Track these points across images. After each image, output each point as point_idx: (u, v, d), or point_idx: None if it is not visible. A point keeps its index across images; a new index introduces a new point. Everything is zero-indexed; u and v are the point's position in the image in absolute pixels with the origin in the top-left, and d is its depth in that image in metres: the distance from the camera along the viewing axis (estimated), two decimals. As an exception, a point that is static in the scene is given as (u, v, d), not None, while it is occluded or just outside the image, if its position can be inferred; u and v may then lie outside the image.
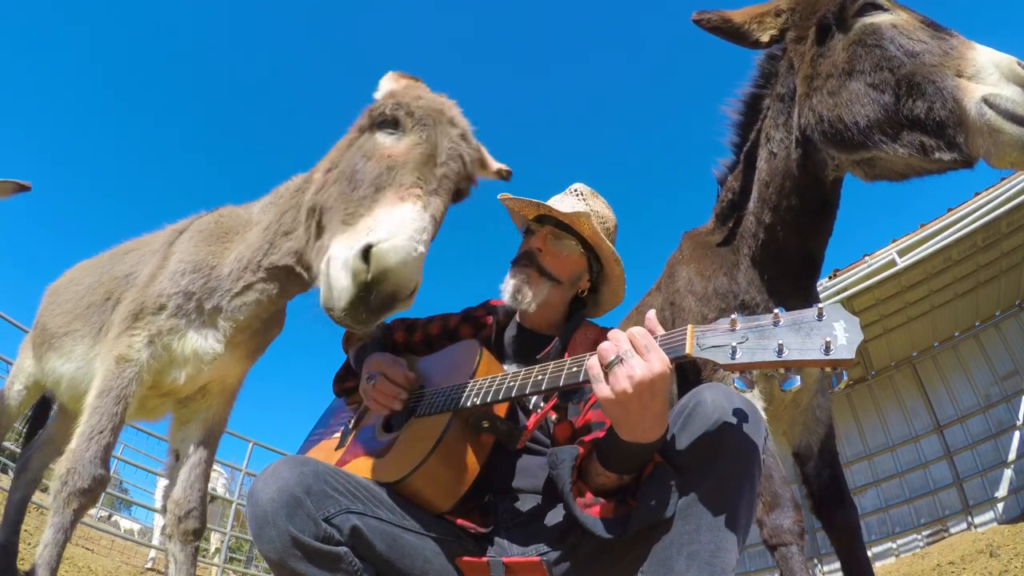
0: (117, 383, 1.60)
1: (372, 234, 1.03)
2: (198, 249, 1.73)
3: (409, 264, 1.00)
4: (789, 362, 0.85)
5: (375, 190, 1.16)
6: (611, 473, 1.10)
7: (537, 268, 1.51)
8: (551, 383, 1.13)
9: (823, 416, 1.96)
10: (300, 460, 1.10)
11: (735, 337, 0.89)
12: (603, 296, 1.67)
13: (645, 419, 0.97)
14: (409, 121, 1.25)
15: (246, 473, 7.90)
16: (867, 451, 8.51)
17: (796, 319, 0.86)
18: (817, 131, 1.49)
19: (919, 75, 1.29)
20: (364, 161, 1.23)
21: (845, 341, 0.81)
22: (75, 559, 4.64)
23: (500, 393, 1.21)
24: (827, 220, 1.70)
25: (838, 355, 0.80)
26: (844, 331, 0.81)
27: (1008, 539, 5.50)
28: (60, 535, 1.57)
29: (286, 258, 1.57)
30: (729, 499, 1.00)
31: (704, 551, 0.97)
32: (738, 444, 1.02)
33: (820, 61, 1.51)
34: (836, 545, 1.86)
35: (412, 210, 1.09)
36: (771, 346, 0.86)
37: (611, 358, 0.96)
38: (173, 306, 1.65)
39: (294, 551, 1.02)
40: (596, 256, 1.59)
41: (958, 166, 1.31)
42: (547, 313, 1.56)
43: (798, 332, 0.85)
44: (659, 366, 0.93)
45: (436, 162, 1.20)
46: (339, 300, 1.03)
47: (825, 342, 0.81)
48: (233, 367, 1.84)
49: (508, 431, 1.28)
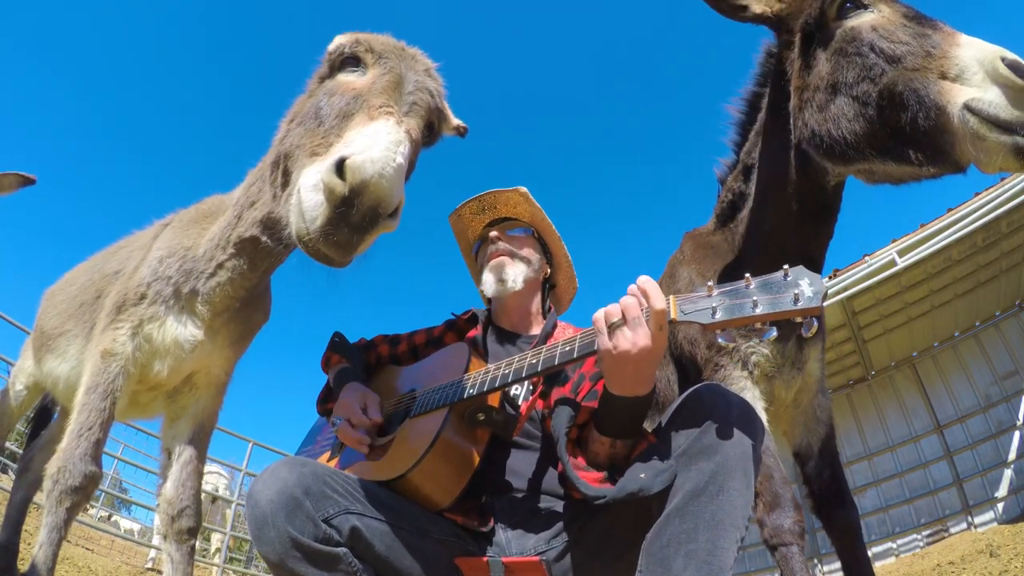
0: (103, 378, 1.59)
1: (346, 149, 0.93)
2: (176, 235, 1.74)
3: (388, 174, 0.89)
4: (764, 315, 0.95)
5: (343, 118, 1.08)
6: (604, 438, 1.16)
7: (508, 251, 1.61)
8: (546, 363, 1.17)
9: (823, 416, 1.97)
10: (299, 461, 1.09)
11: (713, 301, 1.00)
12: (560, 285, 1.77)
13: (639, 378, 1.07)
14: (371, 56, 1.20)
15: (246, 473, 7.89)
16: (867, 451, 8.51)
17: (765, 280, 0.97)
18: (811, 145, 1.47)
19: (900, 84, 1.26)
20: (328, 98, 1.17)
21: (811, 292, 0.93)
22: (75, 559, 4.63)
23: (496, 381, 1.24)
24: (828, 223, 1.69)
25: (806, 304, 0.92)
26: (809, 285, 0.94)
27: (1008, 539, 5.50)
28: (55, 534, 1.56)
29: (252, 229, 1.55)
30: (726, 498, 1.00)
31: (701, 550, 0.97)
32: (734, 442, 1.03)
33: (807, 72, 1.48)
34: (836, 545, 1.86)
35: (386, 124, 1.00)
36: (746, 304, 0.96)
37: (616, 319, 1.05)
38: (152, 293, 1.64)
39: (294, 552, 1.02)
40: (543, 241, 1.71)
41: (951, 172, 1.29)
42: (526, 304, 1.63)
43: (769, 291, 0.96)
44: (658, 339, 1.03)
45: (404, 90, 1.14)
46: (312, 221, 0.92)
47: (794, 295, 0.93)
48: (216, 355, 1.82)
49: (503, 420, 1.29)
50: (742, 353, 1.75)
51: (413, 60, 1.23)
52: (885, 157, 1.33)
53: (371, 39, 1.25)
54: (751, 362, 1.75)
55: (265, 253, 1.59)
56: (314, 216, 0.92)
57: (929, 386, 8.27)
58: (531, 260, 1.64)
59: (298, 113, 1.27)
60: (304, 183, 0.97)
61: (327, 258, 0.96)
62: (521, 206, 1.70)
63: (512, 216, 1.72)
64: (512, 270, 1.58)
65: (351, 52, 1.21)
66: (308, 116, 1.19)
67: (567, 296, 1.81)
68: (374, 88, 1.12)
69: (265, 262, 1.64)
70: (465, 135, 1.61)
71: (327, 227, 0.91)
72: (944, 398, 8.10)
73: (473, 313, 1.68)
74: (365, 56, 1.20)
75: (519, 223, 1.71)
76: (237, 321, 1.79)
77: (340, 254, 0.94)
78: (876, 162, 1.36)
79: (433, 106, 1.21)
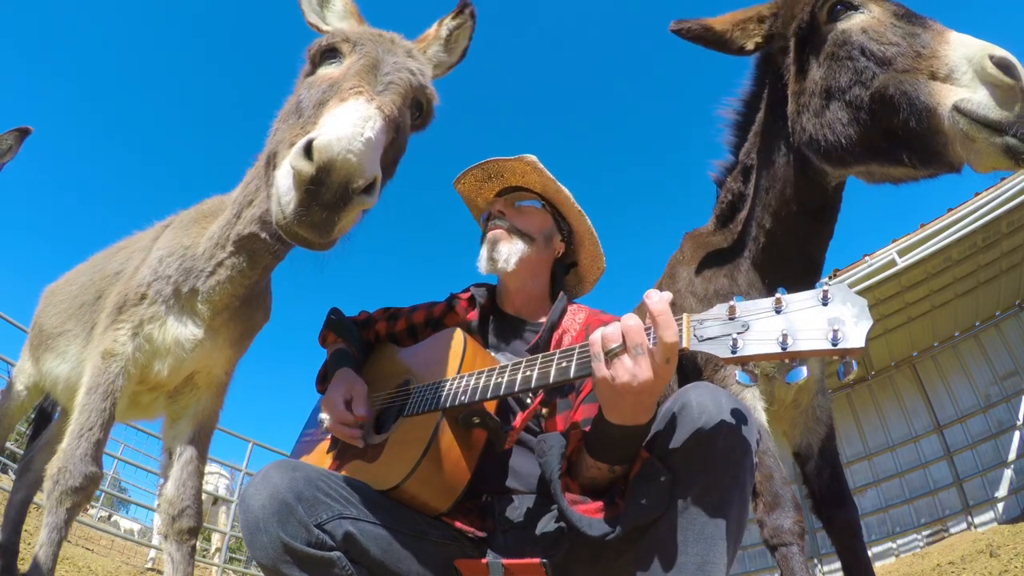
0: (104, 379, 1.59)
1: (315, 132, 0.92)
2: (176, 235, 1.74)
3: (355, 149, 0.87)
4: (794, 353, 0.78)
5: (318, 106, 1.08)
6: (601, 464, 1.07)
7: (507, 227, 1.50)
8: (540, 380, 1.09)
9: (823, 416, 1.96)
10: (291, 465, 1.08)
11: (735, 327, 0.84)
12: (582, 264, 1.66)
13: (638, 409, 0.97)
14: (347, 46, 1.20)
15: (246, 473, 7.89)
16: (867, 451, 8.51)
17: (800, 303, 0.81)
18: (810, 149, 1.48)
19: (891, 87, 1.26)
20: (307, 91, 1.18)
21: (854, 327, 0.75)
22: (75, 559, 4.63)
23: (488, 391, 1.17)
24: (828, 224, 1.69)
25: (847, 344, 0.74)
26: (852, 316, 0.75)
27: (1008, 539, 5.50)
28: (55, 534, 1.56)
29: (251, 226, 1.55)
30: (717, 509, 0.96)
31: (691, 563, 0.94)
32: (726, 450, 0.97)
33: (802, 77, 1.49)
34: (836, 545, 1.86)
35: (355, 103, 0.98)
36: (774, 335, 0.80)
37: (614, 345, 0.93)
38: (153, 293, 1.64)
39: (286, 557, 1.01)
40: (561, 215, 1.58)
41: (946, 172, 1.29)
42: (528, 287, 1.53)
43: (802, 318, 0.79)
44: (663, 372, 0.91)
45: (380, 71, 1.13)
46: (287, 205, 0.92)
47: (833, 330, 0.75)
48: (217, 355, 1.82)
49: (497, 428, 1.24)
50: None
51: (391, 43, 1.22)
52: (881, 160, 1.34)
53: (347, 30, 1.25)
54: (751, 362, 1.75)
55: (265, 250, 1.59)
56: (288, 200, 0.92)
57: (929, 386, 8.27)
58: (535, 237, 1.52)
59: (284, 110, 1.29)
60: (279, 172, 0.98)
61: (306, 240, 0.95)
62: (530, 175, 1.57)
63: (522, 186, 1.60)
64: (506, 247, 1.47)
65: (328, 45, 1.22)
66: (291, 111, 1.20)
67: (591, 277, 1.69)
68: (348, 73, 1.12)
69: (265, 259, 1.64)
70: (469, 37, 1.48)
71: (300, 209, 0.90)
72: (944, 398, 8.10)
73: (472, 294, 1.56)
74: (342, 47, 1.20)
75: (529, 194, 1.58)
76: (238, 320, 1.79)
77: (317, 235, 0.93)
78: (873, 165, 1.37)
79: (416, 84, 1.19)
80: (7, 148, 2.43)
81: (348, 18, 1.40)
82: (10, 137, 2.44)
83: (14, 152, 2.45)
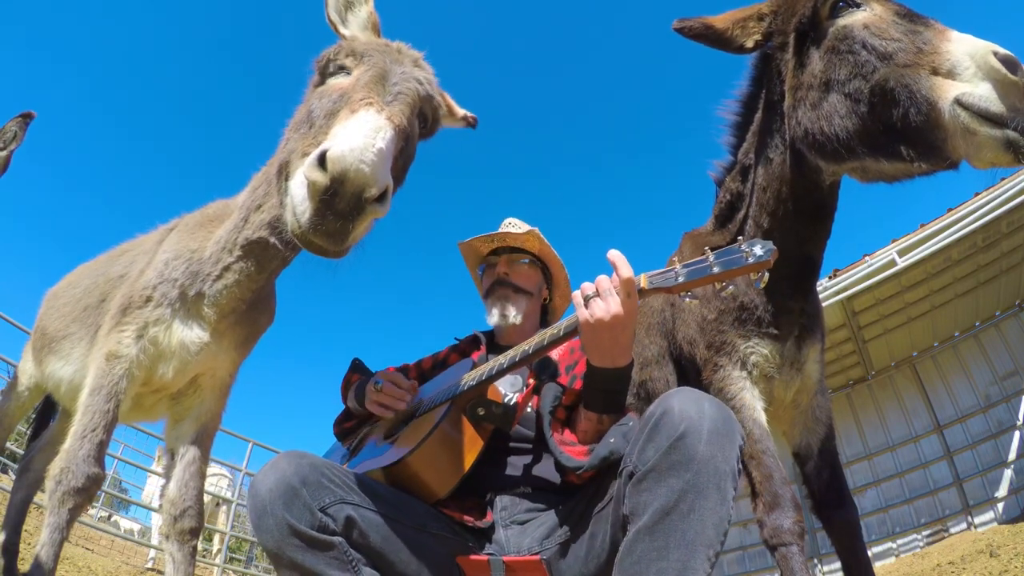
0: (108, 380, 1.60)
1: (328, 143, 0.95)
2: (181, 238, 1.75)
3: (368, 160, 0.91)
4: (722, 274, 1.10)
5: (329, 117, 1.13)
6: (591, 414, 1.25)
7: (512, 287, 1.74)
8: (537, 346, 1.29)
9: (823, 416, 1.97)
10: (299, 454, 1.13)
11: (678, 271, 1.15)
12: (555, 303, 1.91)
13: (615, 347, 1.17)
14: (354, 59, 1.23)
15: (246, 473, 7.90)
16: (867, 451, 8.51)
17: (723, 251, 1.12)
18: (805, 144, 1.48)
19: (892, 80, 1.26)
20: (318, 101, 1.21)
21: (761, 252, 1.07)
22: (75, 559, 4.64)
23: (493, 370, 1.34)
24: (825, 223, 1.70)
25: (755, 260, 1.07)
26: (759, 247, 1.08)
27: (1008, 539, 5.50)
28: (57, 535, 1.57)
29: (260, 231, 1.57)
30: (697, 516, 0.96)
31: (671, 568, 0.94)
32: (707, 455, 0.98)
33: (801, 71, 1.50)
34: (836, 545, 1.86)
35: (365, 115, 1.02)
36: (706, 269, 1.11)
37: (590, 292, 1.17)
38: (158, 295, 1.66)
39: (291, 539, 1.04)
40: (545, 267, 1.85)
41: (943, 168, 1.29)
42: (525, 328, 1.74)
43: (725, 257, 1.11)
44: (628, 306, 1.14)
45: (388, 81, 1.16)
46: (302, 215, 0.95)
47: (744, 255, 1.08)
48: (222, 358, 1.83)
49: (503, 413, 1.37)
50: (741, 353, 1.75)
51: (398, 53, 1.26)
52: (877, 154, 1.34)
53: (354, 42, 1.28)
54: (750, 362, 1.75)
55: (273, 255, 1.62)
56: (303, 210, 0.96)
57: (929, 386, 8.27)
58: (532, 292, 1.77)
59: (296, 120, 1.32)
60: (293, 182, 1.02)
61: (321, 249, 0.99)
62: (530, 241, 1.80)
63: (519, 246, 1.81)
64: (514, 307, 1.71)
65: (335, 56, 1.25)
66: (302, 121, 1.24)
67: (560, 311, 1.96)
68: (357, 84, 1.15)
69: (272, 264, 1.66)
70: (475, 125, 1.64)
71: (315, 218, 0.94)
72: (944, 398, 8.10)
73: (475, 335, 1.77)
74: (351, 60, 1.24)
75: (525, 254, 1.81)
76: (243, 324, 1.81)
77: (332, 243, 0.97)
78: (868, 159, 1.36)
79: (423, 94, 1.23)
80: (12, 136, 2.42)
81: (367, 29, 1.41)
82: (14, 124, 2.43)
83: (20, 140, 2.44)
